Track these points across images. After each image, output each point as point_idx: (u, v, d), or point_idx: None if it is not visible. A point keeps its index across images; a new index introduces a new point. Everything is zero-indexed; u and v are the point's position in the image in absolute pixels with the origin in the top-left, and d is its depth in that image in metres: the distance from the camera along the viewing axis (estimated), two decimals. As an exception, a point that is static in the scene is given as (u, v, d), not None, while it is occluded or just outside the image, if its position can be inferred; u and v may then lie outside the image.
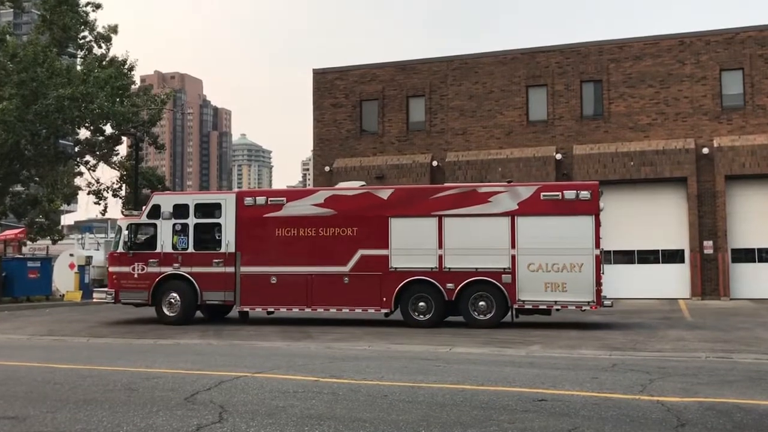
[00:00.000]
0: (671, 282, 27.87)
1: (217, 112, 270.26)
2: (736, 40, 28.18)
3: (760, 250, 27.56)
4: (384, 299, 17.39)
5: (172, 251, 18.46)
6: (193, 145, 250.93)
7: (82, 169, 38.43)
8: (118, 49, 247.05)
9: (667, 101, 28.67)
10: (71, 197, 40.36)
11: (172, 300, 18.46)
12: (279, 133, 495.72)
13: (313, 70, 33.90)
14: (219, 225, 18.41)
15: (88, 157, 37.53)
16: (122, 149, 40.19)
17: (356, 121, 32.82)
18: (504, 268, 16.96)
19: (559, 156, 29.27)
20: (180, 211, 18.62)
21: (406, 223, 17.51)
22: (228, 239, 18.23)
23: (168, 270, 18.40)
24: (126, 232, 18.86)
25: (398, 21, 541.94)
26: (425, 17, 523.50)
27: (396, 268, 17.43)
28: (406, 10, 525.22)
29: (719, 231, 27.30)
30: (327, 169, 32.48)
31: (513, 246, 16.92)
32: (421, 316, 17.33)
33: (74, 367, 10.98)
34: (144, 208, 19.52)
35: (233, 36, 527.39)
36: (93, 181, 37.09)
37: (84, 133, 37.53)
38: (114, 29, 35.72)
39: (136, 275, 18.56)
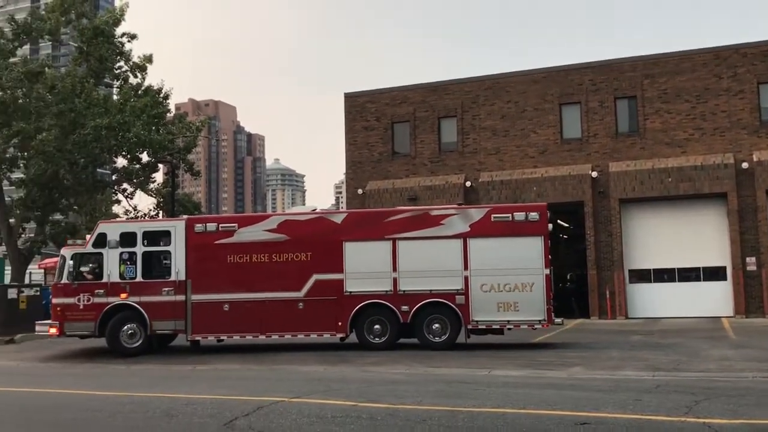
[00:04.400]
0: (713, 300, 27.22)
1: (250, 138, 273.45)
2: (773, 52, 27.69)
3: (804, 265, 26.85)
4: (339, 323, 17.36)
5: (120, 281, 17.93)
6: (227, 171, 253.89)
7: (120, 196, 39.10)
8: (153, 78, 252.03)
9: (704, 116, 28.22)
10: (109, 225, 40.86)
11: (131, 330, 17.78)
12: (312, 156, 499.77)
13: (345, 93, 34.08)
14: (168, 252, 18.08)
15: (125, 185, 38.16)
16: (159, 176, 40.72)
17: (388, 144, 32.85)
18: (458, 290, 17.11)
19: (594, 174, 28.95)
20: (127, 239, 18.14)
21: (360, 246, 17.54)
22: (178, 267, 17.88)
23: (115, 300, 17.84)
24: (71, 262, 18.18)
25: (428, 42, 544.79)
26: (458, 36, 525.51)
27: (351, 291, 17.40)
28: (437, 31, 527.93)
29: (762, 247, 26.66)
30: (360, 191, 32.49)
31: (466, 267, 17.12)
32: (377, 339, 17.32)
33: (113, 394, 11.03)
34: (89, 237, 18.88)
35: (267, 62, 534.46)
36: (130, 209, 37.67)
37: (121, 162, 38.22)
38: (149, 59, 36.40)
39: (81, 306, 17.86)
